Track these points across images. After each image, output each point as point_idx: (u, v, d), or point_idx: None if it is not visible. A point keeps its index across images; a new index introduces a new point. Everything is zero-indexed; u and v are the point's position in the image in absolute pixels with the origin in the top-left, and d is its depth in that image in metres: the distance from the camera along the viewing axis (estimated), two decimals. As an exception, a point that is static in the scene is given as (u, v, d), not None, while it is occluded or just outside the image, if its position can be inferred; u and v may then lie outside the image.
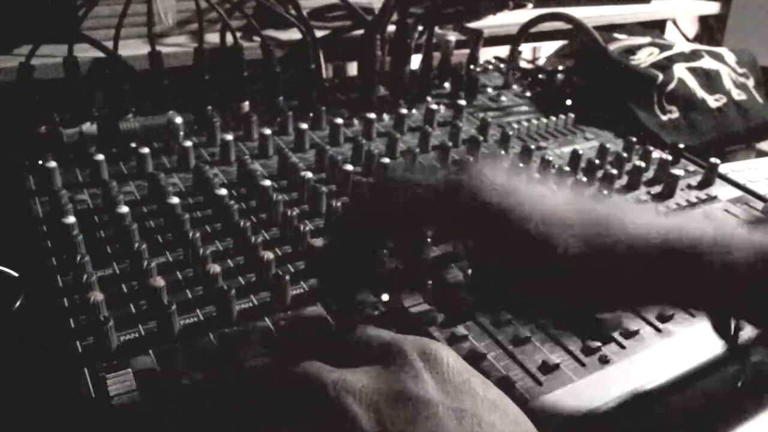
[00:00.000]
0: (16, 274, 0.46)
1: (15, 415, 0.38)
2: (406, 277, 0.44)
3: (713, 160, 0.66)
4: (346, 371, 0.26)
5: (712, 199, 0.63)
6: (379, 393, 0.25)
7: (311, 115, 0.67)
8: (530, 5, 0.89)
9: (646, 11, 1.11)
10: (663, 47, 0.89)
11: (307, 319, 0.38)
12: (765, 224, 0.34)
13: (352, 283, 0.39)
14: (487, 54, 0.90)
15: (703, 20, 1.29)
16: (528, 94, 0.82)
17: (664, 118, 0.80)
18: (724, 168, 0.69)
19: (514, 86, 0.84)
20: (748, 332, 0.42)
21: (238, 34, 0.69)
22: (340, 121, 0.64)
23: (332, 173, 0.58)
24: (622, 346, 0.44)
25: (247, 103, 0.67)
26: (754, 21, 1.22)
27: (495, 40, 0.91)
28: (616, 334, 0.44)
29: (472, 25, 0.86)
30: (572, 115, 0.75)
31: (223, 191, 0.51)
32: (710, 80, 0.87)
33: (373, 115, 0.66)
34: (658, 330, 0.45)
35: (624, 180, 0.63)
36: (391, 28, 0.74)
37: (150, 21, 0.70)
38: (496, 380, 0.39)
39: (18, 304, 0.44)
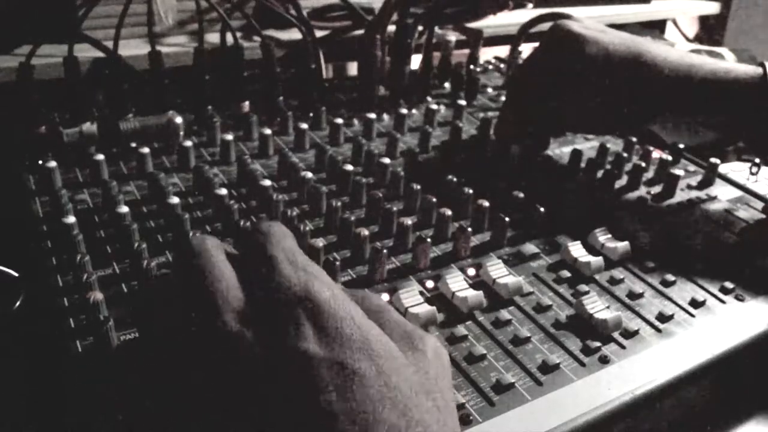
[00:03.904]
0: (16, 274, 0.46)
1: (15, 414, 0.38)
2: None
3: (713, 160, 0.66)
4: (244, 319, 0.29)
5: (712, 199, 0.63)
6: (268, 348, 0.28)
7: (311, 115, 0.67)
8: (530, 5, 0.89)
9: (646, 11, 1.11)
10: (663, 47, 0.89)
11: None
12: None
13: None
14: (487, 54, 0.91)
15: (703, 20, 1.29)
16: (528, 94, 0.82)
17: (664, 118, 0.80)
18: (724, 168, 0.69)
19: (514, 86, 0.83)
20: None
21: (238, 34, 0.69)
22: (340, 121, 0.64)
23: (332, 173, 0.58)
24: (622, 346, 0.44)
25: (247, 103, 0.67)
26: (754, 21, 1.22)
27: (495, 40, 0.91)
28: (616, 334, 0.44)
29: (472, 25, 0.86)
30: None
31: (223, 191, 0.51)
32: (710, 80, 0.87)
33: (373, 115, 0.66)
34: (658, 330, 0.46)
35: (624, 180, 0.63)
36: (391, 28, 0.74)
37: (150, 21, 0.69)
38: (495, 380, 0.39)
39: (18, 304, 0.44)
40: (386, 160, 0.58)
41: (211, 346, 0.29)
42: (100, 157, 0.54)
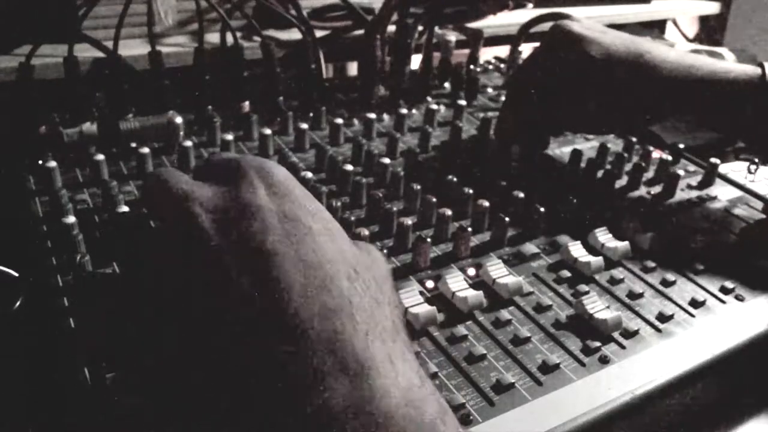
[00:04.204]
0: (16, 274, 0.46)
1: (15, 415, 0.38)
2: None
3: (713, 160, 0.66)
4: (196, 184, 0.32)
5: (712, 199, 0.63)
6: (221, 202, 0.30)
7: (311, 115, 0.67)
8: (530, 5, 0.89)
9: (646, 11, 1.11)
10: (663, 47, 0.89)
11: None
12: None
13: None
14: (487, 54, 0.91)
15: (703, 20, 1.29)
16: (528, 94, 0.82)
17: (664, 118, 0.80)
18: (724, 168, 0.69)
19: (514, 86, 0.83)
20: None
21: (238, 34, 0.69)
22: (340, 121, 0.64)
23: (332, 173, 0.58)
24: (622, 346, 0.44)
25: (247, 103, 0.67)
26: (754, 21, 1.22)
27: (495, 40, 0.91)
28: (616, 334, 0.44)
29: (472, 25, 0.86)
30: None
31: (223, 191, 0.50)
32: (710, 80, 0.87)
33: (373, 115, 0.66)
34: (658, 330, 0.46)
35: (624, 180, 0.63)
36: (392, 28, 0.74)
37: (150, 21, 0.70)
38: (495, 380, 0.39)
39: (18, 304, 0.44)
40: (386, 160, 0.58)
41: (167, 208, 0.31)
42: (100, 157, 0.54)
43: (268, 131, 0.60)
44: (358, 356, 0.26)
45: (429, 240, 0.49)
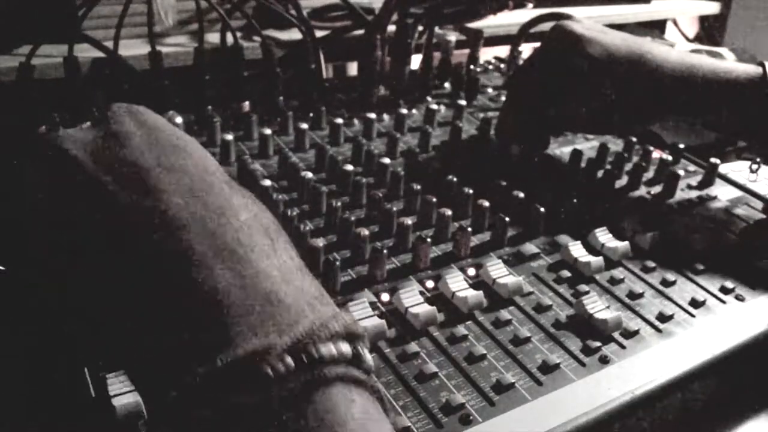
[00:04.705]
0: (2, 268, 0.46)
1: (15, 415, 0.38)
2: None
3: (713, 160, 0.66)
4: (75, 129, 0.35)
5: (712, 199, 0.63)
6: (92, 137, 0.34)
7: (311, 115, 0.67)
8: (530, 5, 0.89)
9: (646, 11, 1.11)
10: (663, 47, 0.89)
11: None
12: None
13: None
14: (487, 54, 0.91)
15: (703, 20, 1.29)
16: (528, 94, 0.82)
17: (664, 118, 0.80)
18: (724, 168, 0.69)
19: (514, 86, 0.83)
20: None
21: (238, 34, 0.69)
22: (340, 121, 0.64)
23: (332, 173, 0.58)
24: (622, 346, 0.44)
25: (247, 103, 0.67)
26: (754, 21, 1.22)
27: (495, 40, 0.91)
28: (616, 334, 0.44)
29: (472, 25, 0.86)
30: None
31: (223, 191, 0.50)
32: (710, 80, 0.87)
33: (373, 115, 0.66)
34: (658, 330, 0.46)
35: (624, 180, 0.63)
36: (392, 28, 0.74)
37: (150, 21, 0.69)
38: (495, 380, 0.39)
39: (17, 303, 0.44)
40: (386, 160, 0.58)
41: (45, 154, 0.35)
42: (100, 157, 0.54)
43: (268, 131, 0.60)
44: (241, 244, 0.29)
45: (429, 240, 0.49)
